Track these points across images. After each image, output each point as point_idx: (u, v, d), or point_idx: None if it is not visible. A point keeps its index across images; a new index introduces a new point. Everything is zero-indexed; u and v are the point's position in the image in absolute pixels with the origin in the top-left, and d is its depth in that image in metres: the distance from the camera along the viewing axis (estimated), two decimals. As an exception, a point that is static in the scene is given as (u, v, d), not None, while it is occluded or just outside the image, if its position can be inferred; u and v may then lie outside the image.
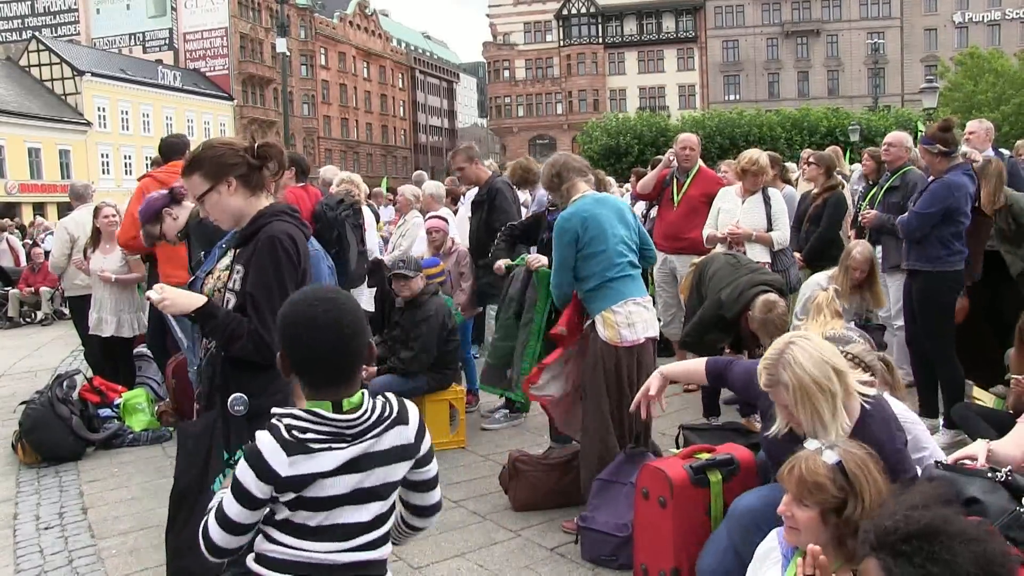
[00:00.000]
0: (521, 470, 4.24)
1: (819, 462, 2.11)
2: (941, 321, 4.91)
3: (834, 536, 2.07)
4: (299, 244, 2.51)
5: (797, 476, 2.11)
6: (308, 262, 2.59)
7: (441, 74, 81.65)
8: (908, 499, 1.78)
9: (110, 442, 5.76)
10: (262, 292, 2.44)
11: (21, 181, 39.23)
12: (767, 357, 2.55)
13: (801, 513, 2.10)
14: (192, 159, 2.58)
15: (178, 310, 2.50)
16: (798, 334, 2.65)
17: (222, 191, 2.54)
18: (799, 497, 2.11)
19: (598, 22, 60.43)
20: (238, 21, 53.26)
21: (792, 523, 2.13)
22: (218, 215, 2.61)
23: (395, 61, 71.61)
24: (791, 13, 58.62)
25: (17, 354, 9.86)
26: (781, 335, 2.73)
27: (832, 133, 34.52)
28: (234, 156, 2.55)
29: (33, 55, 44.46)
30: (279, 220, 2.52)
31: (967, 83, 41.31)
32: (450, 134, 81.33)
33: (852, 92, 55.23)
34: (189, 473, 2.54)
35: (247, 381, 2.47)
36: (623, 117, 42.47)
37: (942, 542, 1.59)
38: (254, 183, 2.58)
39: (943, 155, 4.83)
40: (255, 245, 2.49)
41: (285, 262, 2.45)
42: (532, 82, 61.65)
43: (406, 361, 5.25)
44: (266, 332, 2.39)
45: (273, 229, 2.49)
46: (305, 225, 2.64)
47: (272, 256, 2.45)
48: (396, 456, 1.81)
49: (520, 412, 5.94)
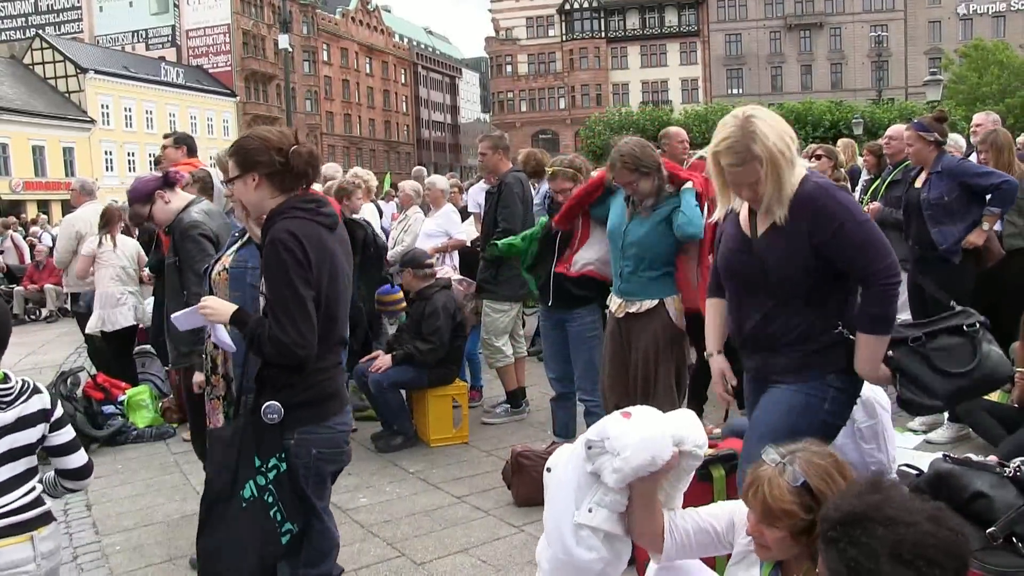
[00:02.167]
0: (524, 465, 4.24)
1: (783, 486, 1.95)
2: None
3: (806, 549, 1.98)
4: (303, 237, 2.46)
5: (761, 502, 1.97)
6: (334, 247, 2.56)
7: (444, 69, 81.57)
8: (853, 487, 1.76)
9: (114, 439, 5.78)
10: (275, 297, 2.45)
11: (25, 179, 39.30)
12: (727, 136, 2.47)
13: (771, 533, 1.99)
14: (236, 143, 2.65)
15: (219, 318, 2.55)
16: (749, 109, 2.53)
17: (247, 182, 2.56)
18: (766, 522, 1.99)
19: (600, 16, 60.28)
20: (240, 18, 53.24)
21: (762, 541, 2.03)
22: (244, 203, 2.68)
23: (397, 57, 71.54)
24: (794, 6, 58.37)
25: (21, 351, 9.88)
26: None
27: (836, 126, 34.40)
28: (263, 153, 2.54)
29: (37, 53, 44.49)
30: (284, 218, 2.49)
31: (971, 75, 41.12)
32: (453, 129, 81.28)
33: (855, 85, 55.04)
34: (220, 479, 2.54)
35: (273, 379, 2.50)
36: (626, 111, 42.42)
37: (864, 526, 1.56)
38: (284, 184, 2.56)
39: (936, 144, 4.85)
40: (265, 250, 2.51)
41: (291, 263, 2.43)
42: (535, 77, 61.55)
43: (424, 352, 5.29)
44: (283, 334, 2.40)
45: (274, 231, 2.48)
46: (322, 214, 2.56)
47: (277, 260, 2.45)
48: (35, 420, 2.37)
49: (522, 408, 5.94)
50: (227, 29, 52.62)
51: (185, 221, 3.89)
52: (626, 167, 3.89)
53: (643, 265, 3.96)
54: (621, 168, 3.90)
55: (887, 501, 1.61)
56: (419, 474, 4.87)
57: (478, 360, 6.38)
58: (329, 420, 2.58)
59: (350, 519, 4.17)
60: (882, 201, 5.81)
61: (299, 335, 2.41)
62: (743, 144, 2.45)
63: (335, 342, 2.61)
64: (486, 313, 5.76)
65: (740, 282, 2.69)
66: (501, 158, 5.96)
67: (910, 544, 1.52)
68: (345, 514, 4.21)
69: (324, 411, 2.56)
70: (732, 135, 2.47)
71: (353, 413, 5.92)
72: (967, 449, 4.13)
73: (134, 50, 51.35)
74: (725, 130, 2.49)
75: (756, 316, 2.62)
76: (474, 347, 6.24)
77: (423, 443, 5.41)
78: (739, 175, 2.50)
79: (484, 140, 6.08)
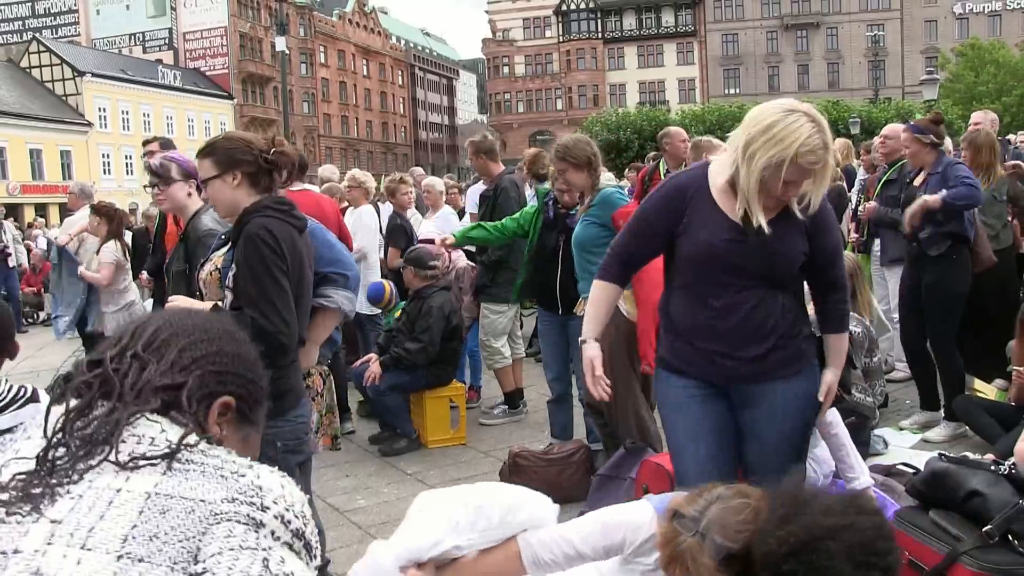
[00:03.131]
0: (522, 466, 4.24)
1: (709, 564, 1.75)
2: (949, 311, 4.90)
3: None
4: (279, 235, 2.56)
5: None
6: (302, 250, 2.64)
7: (440, 71, 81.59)
8: (777, 513, 1.70)
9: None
10: (254, 285, 2.53)
11: (23, 182, 39.28)
12: (811, 135, 2.30)
13: None
14: (208, 144, 2.71)
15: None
16: (801, 105, 2.39)
17: (227, 181, 2.63)
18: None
19: (597, 17, 60.34)
20: (237, 20, 53.24)
21: None
22: (217, 203, 2.73)
23: (394, 58, 71.56)
24: (790, 6, 58.48)
25: (20, 354, 9.85)
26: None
27: (833, 126, 34.38)
28: (247, 153, 2.64)
29: (34, 56, 44.49)
30: (258, 216, 2.58)
31: (968, 74, 41.20)
32: (450, 131, 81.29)
33: (852, 85, 55.10)
34: None
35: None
36: (623, 112, 42.38)
37: (815, 548, 1.56)
38: (261, 184, 2.67)
39: (933, 146, 4.88)
40: (240, 244, 2.58)
41: (268, 255, 2.52)
42: (532, 78, 61.60)
43: (412, 352, 5.20)
44: (266, 321, 2.49)
45: (251, 227, 2.56)
46: (294, 216, 2.66)
47: (255, 251, 2.53)
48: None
49: (520, 409, 5.95)
50: (224, 31, 52.62)
51: (201, 229, 3.68)
52: (556, 155, 4.25)
53: (589, 263, 4.01)
54: (553, 156, 4.32)
55: (819, 512, 1.61)
56: (417, 475, 4.88)
57: (479, 360, 6.38)
58: (287, 414, 2.67)
59: (348, 520, 4.18)
60: (877, 200, 5.82)
61: (283, 322, 2.52)
62: (824, 142, 2.35)
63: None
64: (484, 315, 5.76)
65: (734, 272, 2.51)
66: (486, 162, 5.97)
67: (859, 545, 1.55)
68: (343, 516, 4.21)
69: (282, 406, 2.62)
70: (815, 134, 2.34)
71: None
72: (964, 447, 4.13)
73: (131, 53, 51.33)
74: (806, 128, 2.32)
75: (747, 305, 2.50)
76: (476, 344, 6.24)
77: (421, 444, 5.41)
78: (809, 173, 2.38)
79: (469, 147, 6.15)
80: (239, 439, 1.17)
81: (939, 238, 4.74)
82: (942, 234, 4.74)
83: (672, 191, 2.59)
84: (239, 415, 1.16)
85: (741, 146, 2.38)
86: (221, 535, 0.93)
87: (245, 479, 0.99)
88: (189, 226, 3.63)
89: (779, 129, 2.31)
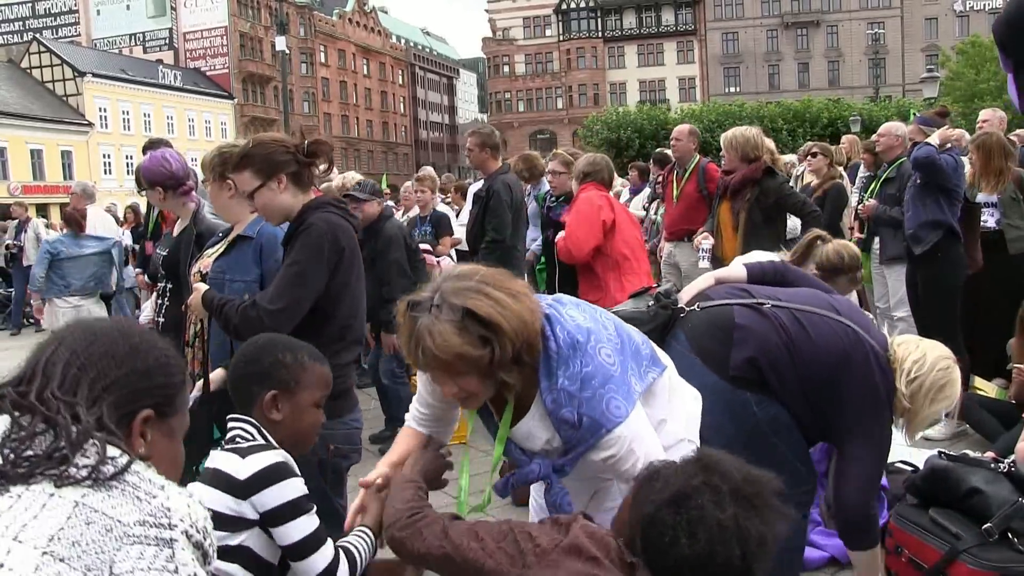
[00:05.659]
0: (522, 465, 4.24)
1: (446, 330, 1.67)
2: (944, 306, 4.91)
3: (518, 374, 1.80)
4: (340, 233, 2.52)
5: (433, 359, 1.71)
6: (356, 246, 2.62)
7: (441, 70, 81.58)
8: (649, 484, 1.55)
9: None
10: (285, 270, 2.49)
11: (24, 182, 39.29)
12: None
13: (466, 383, 1.78)
14: (243, 155, 2.56)
15: (197, 309, 2.64)
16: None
17: (273, 188, 2.54)
18: (452, 376, 1.77)
19: (597, 16, 60.32)
20: (237, 20, 53.25)
21: (464, 396, 1.85)
22: (268, 212, 2.61)
23: (395, 58, 71.55)
24: (790, 4, 58.42)
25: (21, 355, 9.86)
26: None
27: (833, 124, 34.41)
28: (284, 153, 2.56)
29: (34, 57, 44.52)
30: (322, 211, 2.54)
31: (968, 72, 41.13)
32: (451, 130, 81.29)
33: (853, 83, 55.07)
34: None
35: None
36: (623, 111, 42.35)
37: (691, 500, 1.43)
38: (304, 180, 2.60)
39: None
40: (299, 235, 2.52)
41: (317, 249, 2.47)
42: (532, 77, 61.58)
43: (392, 290, 4.85)
44: (270, 303, 2.45)
45: (315, 218, 2.51)
46: (352, 215, 2.66)
47: (306, 241, 2.48)
48: None
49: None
50: (224, 31, 52.63)
51: (208, 222, 3.61)
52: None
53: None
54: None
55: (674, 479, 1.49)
56: (418, 475, 4.87)
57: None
58: (344, 416, 2.58)
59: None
60: (876, 199, 5.82)
61: (280, 311, 2.44)
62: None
63: (353, 339, 2.64)
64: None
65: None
66: (489, 156, 5.89)
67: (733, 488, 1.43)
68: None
69: (339, 407, 2.53)
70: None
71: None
72: (964, 445, 4.13)
73: (131, 53, 51.33)
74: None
75: None
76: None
77: (421, 444, 5.40)
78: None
79: (473, 136, 5.96)
80: (165, 434, 1.25)
81: (925, 230, 4.79)
82: (924, 224, 4.78)
83: None
84: (160, 415, 1.24)
85: None
86: (134, 555, 1.06)
87: (156, 500, 1.12)
88: (195, 226, 3.53)
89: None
